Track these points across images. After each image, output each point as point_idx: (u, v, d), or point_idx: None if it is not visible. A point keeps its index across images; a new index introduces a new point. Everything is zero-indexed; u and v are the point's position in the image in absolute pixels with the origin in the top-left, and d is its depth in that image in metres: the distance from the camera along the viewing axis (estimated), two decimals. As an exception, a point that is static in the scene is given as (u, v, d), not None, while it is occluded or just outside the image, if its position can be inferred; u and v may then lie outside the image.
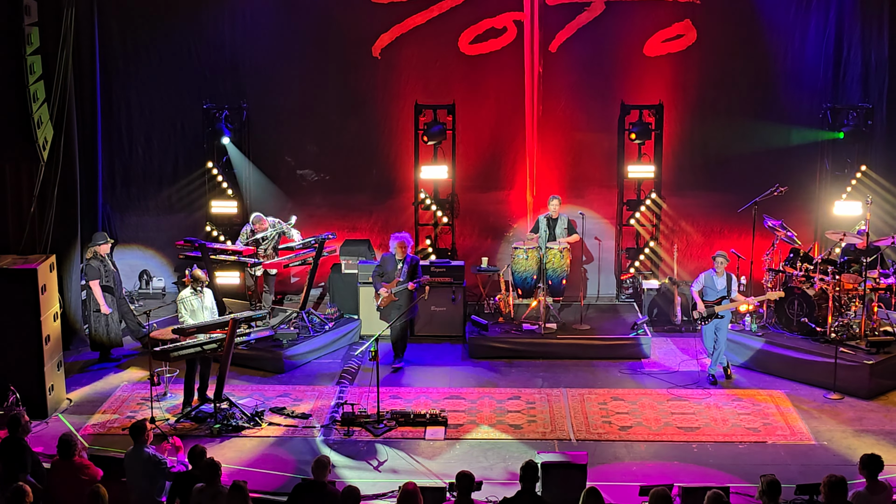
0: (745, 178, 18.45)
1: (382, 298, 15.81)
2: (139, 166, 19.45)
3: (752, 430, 13.72)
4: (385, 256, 16.12)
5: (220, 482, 10.10)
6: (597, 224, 18.85)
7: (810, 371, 15.15)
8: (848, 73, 18.75)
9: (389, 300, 15.79)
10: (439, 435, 13.54)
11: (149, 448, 10.94)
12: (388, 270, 15.92)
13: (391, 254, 15.99)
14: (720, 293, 15.25)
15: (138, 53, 19.01)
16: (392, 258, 15.94)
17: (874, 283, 15.52)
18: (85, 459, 10.93)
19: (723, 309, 15.21)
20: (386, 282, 15.88)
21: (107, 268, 16.06)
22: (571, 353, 16.43)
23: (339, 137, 19.33)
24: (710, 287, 15.32)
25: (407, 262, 15.86)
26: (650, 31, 18.87)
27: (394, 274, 15.83)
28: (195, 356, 13.96)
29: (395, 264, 15.86)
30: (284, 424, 13.86)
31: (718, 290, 15.28)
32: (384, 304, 15.83)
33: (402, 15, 18.91)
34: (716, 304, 15.21)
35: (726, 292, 15.24)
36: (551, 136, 19.17)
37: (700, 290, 15.38)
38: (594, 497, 9.60)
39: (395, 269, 15.85)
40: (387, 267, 15.96)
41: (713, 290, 15.30)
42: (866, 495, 10.12)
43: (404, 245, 15.93)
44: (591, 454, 12.15)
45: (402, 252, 15.86)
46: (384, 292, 15.79)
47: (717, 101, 19.00)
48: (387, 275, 15.91)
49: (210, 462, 10.17)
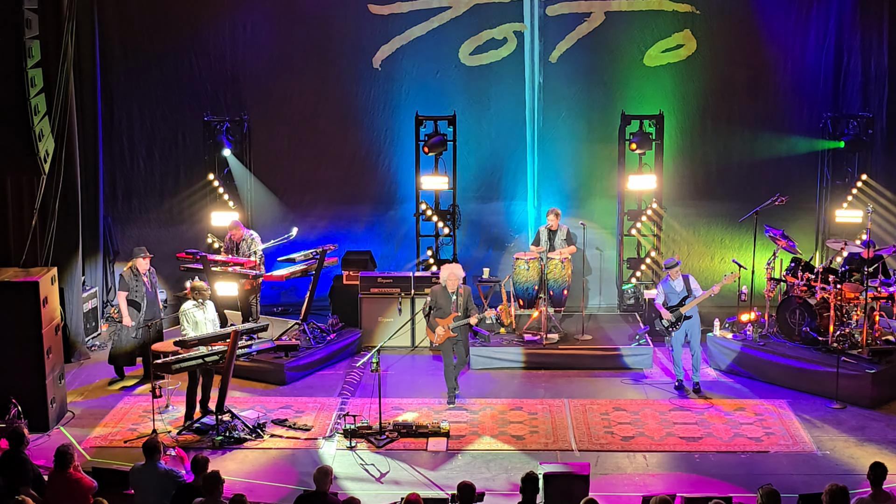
0: (746, 187, 18.47)
1: (440, 335, 14.93)
2: (140, 178, 19.45)
3: (755, 439, 13.71)
4: (435, 289, 15.11)
5: (221, 495, 10.08)
6: (598, 234, 18.84)
7: (812, 380, 15.14)
8: (848, 82, 18.76)
9: (446, 336, 14.90)
10: (441, 446, 13.53)
11: (161, 463, 10.93)
12: (442, 304, 14.95)
13: (442, 286, 15.03)
14: (681, 295, 15.28)
15: (139, 66, 19.02)
16: (444, 291, 14.97)
17: (875, 292, 15.52)
18: (78, 472, 10.89)
19: (687, 308, 15.22)
20: (440, 316, 14.95)
21: (138, 282, 15.74)
22: (573, 363, 16.42)
23: (339, 148, 19.33)
24: (671, 293, 15.37)
25: (461, 294, 15.02)
26: (650, 41, 18.90)
27: (448, 308, 14.92)
28: (197, 368, 13.96)
29: (448, 297, 14.92)
30: (286, 436, 13.85)
31: (679, 293, 15.31)
32: (440, 340, 14.97)
33: (403, 26, 18.94)
34: (679, 307, 15.23)
35: (686, 292, 15.26)
36: (552, 147, 19.19)
37: (664, 301, 15.41)
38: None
39: (448, 302, 14.91)
40: (439, 300, 14.96)
41: (674, 294, 15.35)
42: (870, 503, 10.10)
43: (456, 277, 15.00)
44: (594, 465, 12.16)
45: (455, 284, 14.95)
46: (441, 330, 14.89)
47: (717, 111, 19.02)
48: (441, 309, 14.96)
49: (212, 474, 10.16)
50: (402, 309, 17.36)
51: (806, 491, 11.28)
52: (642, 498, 11.01)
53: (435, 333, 14.94)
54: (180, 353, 13.63)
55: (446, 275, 14.98)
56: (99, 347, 17.36)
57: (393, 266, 19.23)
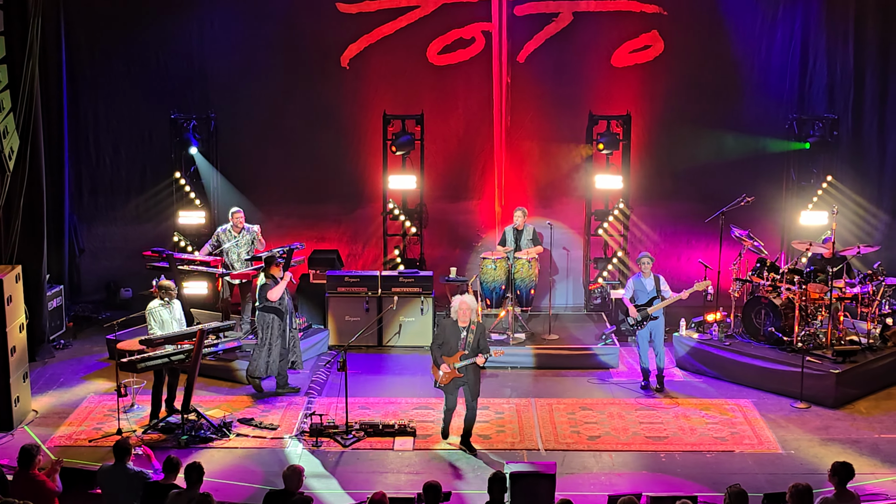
0: (712, 187, 18.55)
1: (443, 375, 13.16)
2: (106, 176, 19.37)
3: (720, 439, 13.78)
4: (444, 323, 13.36)
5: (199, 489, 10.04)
6: (565, 234, 18.88)
7: (777, 380, 15.22)
8: (814, 84, 18.91)
9: (452, 376, 13.16)
10: (408, 445, 13.52)
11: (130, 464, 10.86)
12: (450, 340, 13.15)
13: (451, 319, 13.21)
14: (650, 294, 15.34)
15: (106, 63, 18.95)
16: (454, 325, 13.15)
17: (840, 292, 15.62)
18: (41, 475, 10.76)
19: (655, 309, 15.28)
20: (446, 354, 13.15)
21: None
22: (540, 363, 16.45)
23: (307, 147, 19.29)
24: (641, 290, 15.42)
25: (473, 331, 13.19)
26: (617, 41, 18.96)
27: (456, 344, 13.12)
28: (163, 367, 13.89)
29: (457, 332, 13.12)
30: (253, 435, 13.80)
31: (648, 292, 15.37)
32: (445, 381, 13.20)
33: (371, 25, 18.92)
34: (647, 307, 15.30)
35: (656, 293, 15.32)
36: (519, 147, 19.23)
37: (631, 297, 15.47)
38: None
39: (457, 338, 13.11)
40: (447, 335, 13.19)
41: (643, 292, 15.40)
42: (834, 503, 10.16)
43: (468, 309, 13.10)
44: (560, 464, 12.17)
45: (467, 317, 13.10)
46: (445, 368, 13.09)
47: (684, 112, 19.09)
48: (448, 344, 13.17)
49: (195, 466, 10.14)
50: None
51: (771, 490, 11.39)
52: (608, 497, 11.04)
53: (440, 372, 13.23)
54: (146, 352, 13.56)
55: (456, 306, 13.11)
56: (63, 346, 17.24)
57: (360, 265, 19.25)
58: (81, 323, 18.32)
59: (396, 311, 16.93)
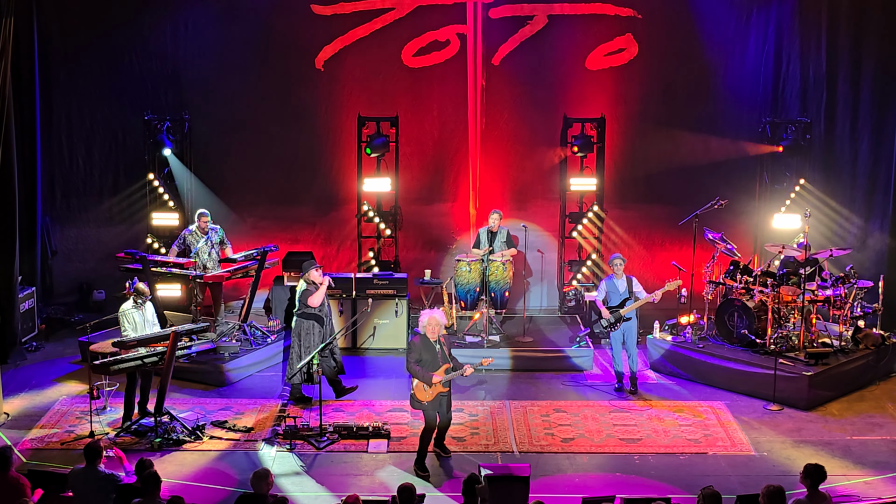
0: (686, 190, 18.62)
1: (429, 390, 12.68)
2: (79, 178, 19.27)
3: (693, 441, 13.82)
4: (415, 343, 12.89)
5: (160, 496, 9.99)
6: (539, 237, 18.92)
7: (750, 382, 15.28)
8: (787, 88, 18.99)
9: (437, 392, 12.73)
10: (382, 448, 13.50)
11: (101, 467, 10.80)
12: (427, 357, 12.74)
13: (422, 335, 12.83)
14: (623, 296, 15.38)
15: (79, 65, 18.85)
16: (425, 341, 12.78)
17: (812, 295, 15.70)
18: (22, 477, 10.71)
19: (628, 310, 15.32)
20: (430, 369, 12.67)
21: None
22: (514, 365, 16.45)
23: (281, 149, 19.26)
24: (613, 292, 15.46)
25: (443, 343, 12.90)
26: (592, 44, 19.02)
27: (435, 360, 12.74)
28: (136, 369, 13.82)
29: (431, 347, 12.78)
30: (226, 438, 13.75)
31: (621, 293, 15.41)
32: (432, 397, 12.72)
33: (346, 27, 18.91)
34: (620, 308, 15.34)
35: (628, 294, 15.36)
36: (494, 149, 19.25)
37: (604, 299, 15.51)
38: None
39: (434, 353, 12.77)
40: (423, 354, 12.75)
41: (616, 293, 15.44)
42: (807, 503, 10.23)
43: (437, 324, 12.78)
44: (534, 466, 12.16)
45: (436, 332, 12.80)
46: (437, 379, 12.62)
47: (658, 115, 19.16)
48: (427, 361, 12.73)
49: (151, 474, 10.06)
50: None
51: (744, 492, 11.41)
52: (582, 499, 11.06)
53: (426, 389, 12.70)
54: (119, 354, 13.50)
55: (426, 321, 12.82)
56: (35, 349, 17.14)
57: (334, 268, 19.22)
58: (54, 325, 18.20)
59: (371, 313, 16.90)
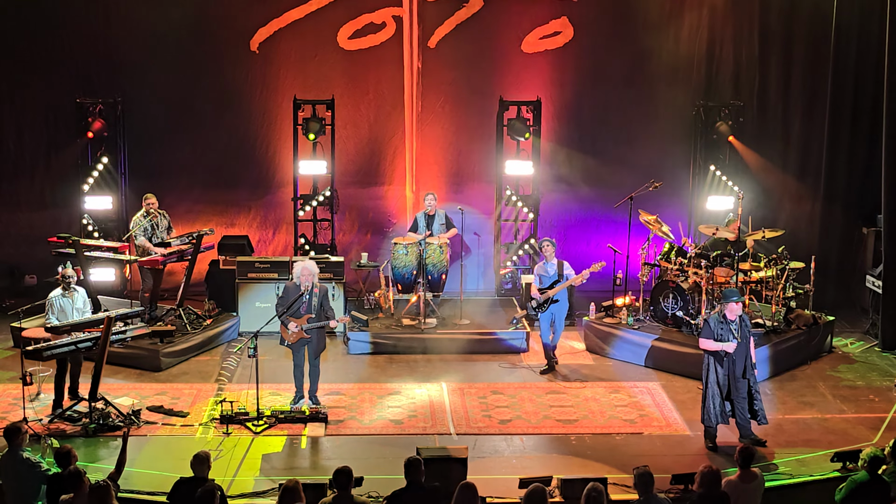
0: (621, 173, 18.74)
1: (292, 334, 13.72)
2: (10, 161, 19.01)
3: (629, 421, 13.94)
4: (288, 286, 13.85)
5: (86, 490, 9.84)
6: (476, 219, 18.95)
7: (684, 363, 15.43)
8: (720, 71, 19.17)
9: (299, 336, 13.76)
10: (320, 431, 13.48)
11: (23, 450, 10.66)
12: (295, 303, 13.71)
13: (295, 283, 13.77)
14: (552, 278, 15.51)
15: (7, 45, 18.56)
16: (296, 288, 13.69)
17: (745, 276, 15.87)
18: None
19: (555, 291, 15.43)
20: (293, 316, 13.74)
21: None
22: (451, 348, 16.48)
23: (216, 132, 19.13)
24: (543, 275, 15.60)
25: (316, 294, 13.80)
26: (528, 27, 19.06)
27: (300, 308, 13.78)
28: (68, 355, 13.66)
29: (301, 295, 13.71)
30: (162, 423, 13.66)
31: (551, 276, 15.53)
32: (293, 339, 13.80)
33: (280, 9, 18.81)
34: (549, 290, 15.44)
35: (558, 276, 15.48)
36: (431, 132, 19.25)
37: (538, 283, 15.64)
38: (468, 491, 9.67)
39: (300, 301, 13.68)
40: (290, 298, 13.74)
41: (546, 276, 15.58)
42: (738, 483, 10.38)
43: (309, 273, 13.63)
44: (472, 448, 12.24)
45: (308, 281, 13.61)
46: (294, 328, 13.67)
47: (593, 98, 19.27)
48: (293, 308, 13.70)
49: (74, 471, 9.92)
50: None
51: (679, 471, 11.55)
52: (520, 480, 11.14)
53: (288, 331, 13.77)
54: (52, 340, 13.34)
55: (298, 271, 13.67)
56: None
57: (270, 251, 19.14)
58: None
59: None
